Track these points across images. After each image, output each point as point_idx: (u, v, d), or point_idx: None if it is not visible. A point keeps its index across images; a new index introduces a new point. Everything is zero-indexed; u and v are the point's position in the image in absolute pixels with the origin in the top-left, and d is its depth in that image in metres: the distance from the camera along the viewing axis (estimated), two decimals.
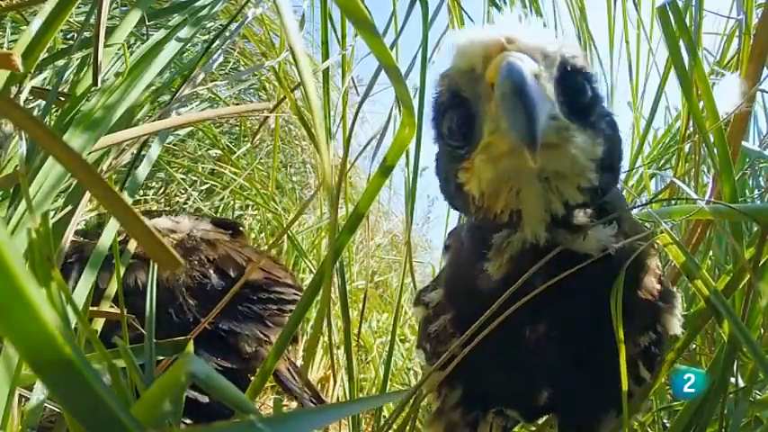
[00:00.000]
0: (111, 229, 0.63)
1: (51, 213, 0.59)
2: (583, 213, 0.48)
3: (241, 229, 1.12)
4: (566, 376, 0.58)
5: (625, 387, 0.51)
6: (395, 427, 0.72)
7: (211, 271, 0.94)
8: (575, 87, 0.45)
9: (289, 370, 1.01)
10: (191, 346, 0.73)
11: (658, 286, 0.58)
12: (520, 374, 0.60)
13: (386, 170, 0.47)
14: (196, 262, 0.94)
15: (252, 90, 2.37)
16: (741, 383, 0.66)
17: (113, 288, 0.69)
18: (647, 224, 0.68)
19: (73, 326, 0.45)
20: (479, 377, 0.62)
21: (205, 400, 0.79)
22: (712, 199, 0.67)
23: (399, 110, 1.00)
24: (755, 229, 0.70)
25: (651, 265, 0.57)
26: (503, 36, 0.42)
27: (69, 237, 0.60)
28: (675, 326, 0.59)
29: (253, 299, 0.95)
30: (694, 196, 0.73)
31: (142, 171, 0.75)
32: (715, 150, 0.66)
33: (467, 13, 1.15)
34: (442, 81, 0.48)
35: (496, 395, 0.67)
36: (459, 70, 0.45)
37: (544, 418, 0.83)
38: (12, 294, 0.18)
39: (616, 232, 0.50)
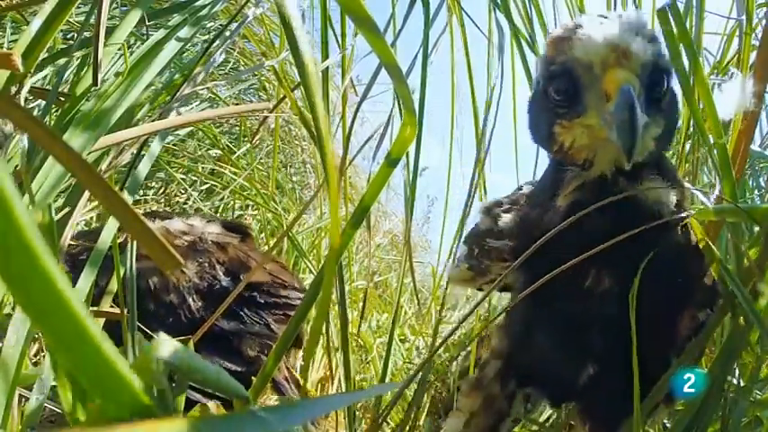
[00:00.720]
0: (111, 229, 0.63)
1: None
2: (647, 171, 0.57)
3: (250, 232, 1.12)
4: (617, 350, 0.60)
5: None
6: (393, 424, 0.72)
7: (221, 274, 0.95)
8: (657, 83, 0.56)
9: (287, 380, 1.01)
10: (191, 346, 0.73)
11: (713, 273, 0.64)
12: (574, 342, 0.62)
13: (392, 162, 0.47)
14: (206, 264, 0.95)
15: (252, 90, 2.37)
16: (741, 384, 0.66)
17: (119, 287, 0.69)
18: None
19: None
20: (529, 340, 0.64)
21: (208, 402, 0.79)
22: (717, 197, 0.67)
23: (400, 110, 1.00)
24: (755, 228, 0.70)
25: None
26: (620, 47, 0.52)
27: (68, 236, 0.60)
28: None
29: (260, 302, 0.96)
30: (700, 196, 0.73)
31: (141, 171, 0.75)
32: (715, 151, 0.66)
33: (467, 13, 1.15)
34: (557, 53, 0.57)
35: (539, 367, 0.69)
36: (577, 60, 0.55)
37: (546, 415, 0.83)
38: (29, 265, 0.18)
39: (677, 200, 0.58)
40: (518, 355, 0.68)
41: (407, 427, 0.82)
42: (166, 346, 0.24)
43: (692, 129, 1.03)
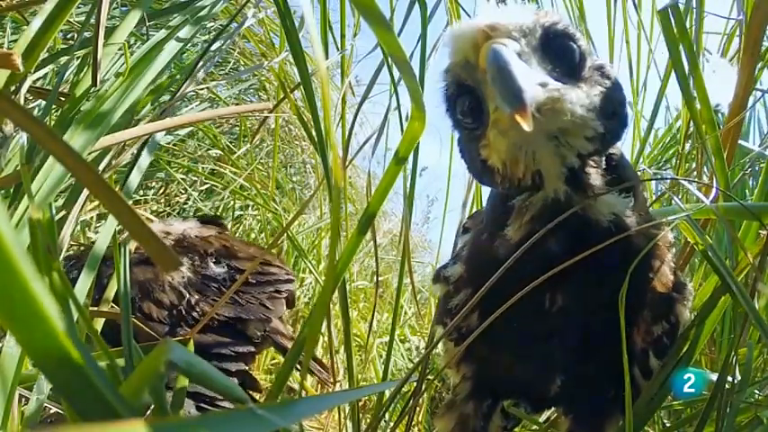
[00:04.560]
0: (110, 229, 0.63)
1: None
2: (596, 173, 0.51)
3: (224, 223, 1.17)
4: (580, 359, 0.59)
5: (628, 377, 0.53)
6: (394, 417, 0.72)
7: (211, 264, 0.98)
8: (561, 50, 0.50)
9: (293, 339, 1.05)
10: (191, 345, 0.73)
11: (672, 277, 0.60)
12: (536, 356, 0.60)
13: (400, 160, 0.46)
14: (197, 258, 0.98)
15: (252, 90, 2.37)
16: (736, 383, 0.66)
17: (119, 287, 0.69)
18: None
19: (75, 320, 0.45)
20: (494, 360, 0.62)
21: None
22: (717, 196, 0.67)
23: (399, 110, 1.00)
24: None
25: (666, 256, 0.59)
26: (484, 24, 0.47)
27: (68, 234, 0.60)
28: (686, 315, 0.61)
29: (252, 282, 0.99)
30: (698, 194, 0.73)
31: (137, 173, 0.75)
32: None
33: (465, 11, 1.15)
34: (445, 76, 0.53)
35: (508, 383, 0.67)
36: (457, 63, 0.50)
37: (547, 415, 0.83)
38: (15, 289, 0.18)
39: (632, 205, 0.53)
40: (487, 376, 0.67)
41: (405, 422, 0.82)
42: (174, 348, 0.24)
43: (692, 129, 1.03)
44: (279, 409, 0.23)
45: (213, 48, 0.96)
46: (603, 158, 0.52)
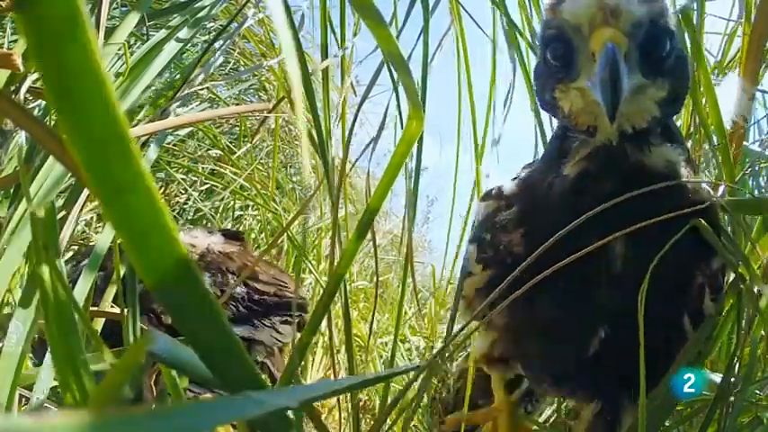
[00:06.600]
0: (110, 230, 0.63)
1: None
2: (654, 136, 0.56)
3: (245, 238, 1.18)
4: (629, 312, 0.57)
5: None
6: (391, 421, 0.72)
7: (232, 281, 0.99)
8: (657, 43, 0.54)
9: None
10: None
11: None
12: (581, 302, 0.60)
13: (398, 163, 0.46)
14: (218, 275, 0.99)
15: (252, 90, 2.37)
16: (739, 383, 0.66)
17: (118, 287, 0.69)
18: None
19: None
20: (530, 308, 0.61)
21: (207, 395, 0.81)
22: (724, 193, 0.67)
23: (399, 110, 1.00)
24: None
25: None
26: (608, 5, 0.52)
27: (68, 234, 0.60)
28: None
29: (269, 305, 1.00)
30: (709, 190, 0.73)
31: None
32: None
33: (467, 12, 1.15)
34: (552, 16, 0.57)
35: (542, 338, 0.65)
36: (567, 23, 0.55)
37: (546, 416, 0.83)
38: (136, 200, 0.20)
39: (685, 157, 0.57)
40: (518, 336, 0.66)
41: (403, 422, 0.82)
42: (157, 338, 0.24)
43: (692, 128, 1.03)
44: (274, 394, 0.23)
45: (213, 48, 0.96)
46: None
